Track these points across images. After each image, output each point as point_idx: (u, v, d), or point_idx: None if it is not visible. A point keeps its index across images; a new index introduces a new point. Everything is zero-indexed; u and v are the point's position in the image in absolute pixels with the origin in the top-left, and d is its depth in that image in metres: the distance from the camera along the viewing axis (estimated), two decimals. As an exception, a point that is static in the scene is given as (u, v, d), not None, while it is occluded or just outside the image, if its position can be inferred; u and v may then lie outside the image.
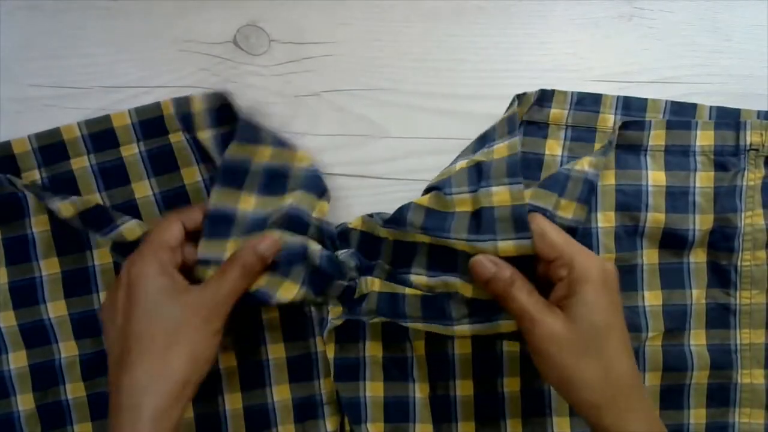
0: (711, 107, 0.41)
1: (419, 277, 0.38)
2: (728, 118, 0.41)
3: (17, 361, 0.39)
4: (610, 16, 0.42)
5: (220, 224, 0.35)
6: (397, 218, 0.37)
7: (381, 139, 0.41)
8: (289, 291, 0.36)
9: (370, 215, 0.39)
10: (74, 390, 0.39)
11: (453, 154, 0.41)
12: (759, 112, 0.41)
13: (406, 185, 0.41)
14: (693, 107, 0.41)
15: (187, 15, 0.40)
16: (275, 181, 0.37)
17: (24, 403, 0.39)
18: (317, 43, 0.41)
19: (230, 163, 0.36)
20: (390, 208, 0.40)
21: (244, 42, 0.40)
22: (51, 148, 0.38)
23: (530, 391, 0.40)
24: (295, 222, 0.36)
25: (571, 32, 0.42)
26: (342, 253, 0.38)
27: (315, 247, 0.37)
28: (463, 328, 0.36)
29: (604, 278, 0.33)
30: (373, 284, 0.38)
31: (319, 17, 0.41)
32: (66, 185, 0.38)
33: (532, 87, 0.41)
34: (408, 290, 0.38)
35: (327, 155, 0.41)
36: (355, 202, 0.40)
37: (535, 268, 0.35)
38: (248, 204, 0.36)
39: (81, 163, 0.38)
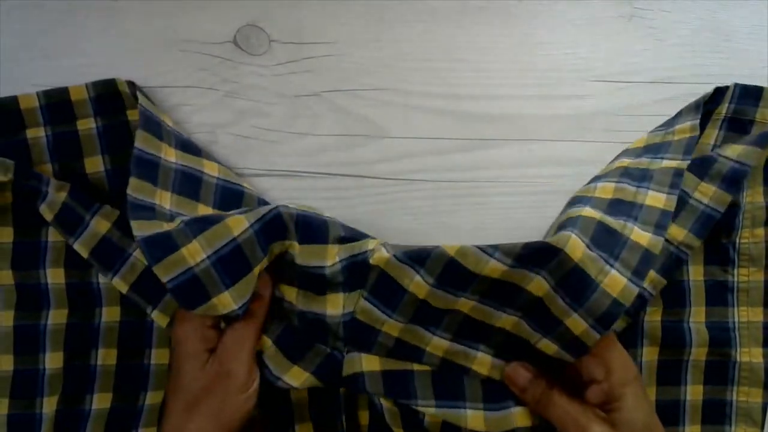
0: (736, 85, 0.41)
1: (441, 341, 0.36)
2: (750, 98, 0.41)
3: (5, 319, 0.38)
4: (610, 16, 0.42)
5: (189, 292, 0.33)
6: (452, 280, 0.34)
7: (381, 139, 0.41)
8: (262, 344, 0.36)
9: (400, 258, 0.34)
10: (53, 360, 0.38)
11: (453, 154, 0.41)
12: None
13: (406, 185, 0.41)
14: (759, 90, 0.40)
15: (187, 15, 0.40)
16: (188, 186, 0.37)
17: (3, 363, 0.38)
18: (317, 43, 0.41)
19: (141, 155, 0.35)
20: (390, 208, 0.40)
21: (244, 42, 0.40)
22: (58, 106, 0.38)
23: None
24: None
25: (571, 32, 0.42)
26: (330, 316, 0.35)
27: (290, 298, 0.35)
28: (477, 415, 0.35)
29: (637, 377, 0.33)
30: (371, 363, 0.36)
31: (319, 17, 0.41)
32: (70, 145, 0.38)
33: (532, 87, 0.41)
34: (416, 366, 0.36)
35: (327, 155, 0.41)
36: (355, 203, 0.40)
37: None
38: (165, 200, 0.35)
39: (86, 125, 0.38)
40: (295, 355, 0.36)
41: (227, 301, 0.33)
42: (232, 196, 0.38)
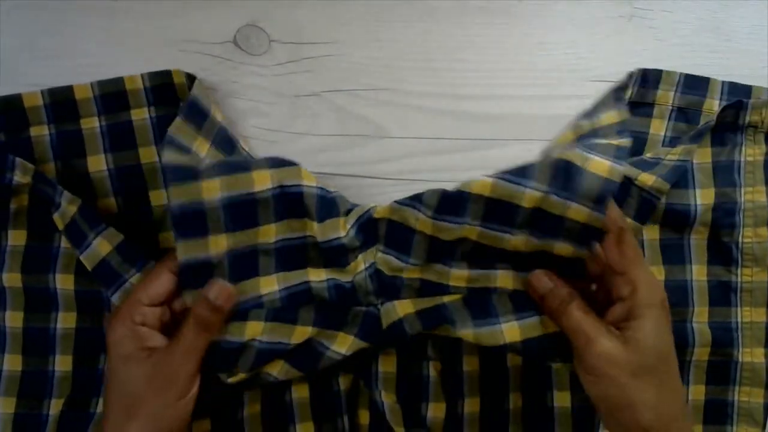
0: (723, 82, 0.41)
1: (461, 271, 0.37)
2: (740, 94, 0.41)
3: (14, 320, 0.38)
4: (610, 16, 0.42)
5: (189, 220, 0.33)
6: (449, 208, 0.35)
7: (381, 139, 0.41)
8: (301, 335, 0.35)
9: (400, 201, 0.36)
10: (62, 363, 0.39)
11: (453, 154, 0.41)
12: None
13: (406, 185, 0.41)
14: (706, 81, 0.41)
15: (187, 15, 0.40)
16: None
17: (11, 363, 0.38)
18: (317, 43, 0.41)
19: (174, 140, 0.34)
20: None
21: (244, 42, 0.40)
22: (62, 105, 0.38)
23: (534, 406, 0.40)
24: (287, 253, 0.36)
25: (571, 32, 0.42)
26: (357, 275, 0.36)
27: (318, 278, 0.36)
28: (511, 326, 0.35)
29: (663, 303, 0.33)
30: (405, 307, 0.36)
31: (319, 17, 0.41)
32: (73, 144, 0.38)
33: (532, 87, 0.41)
34: (447, 298, 0.37)
35: (327, 155, 0.41)
36: (355, 203, 0.40)
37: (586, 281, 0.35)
38: (202, 148, 0.35)
39: (90, 124, 0.38)
40: (335, 324, 0.36)
41: (221, 243, 0.33)
42: None
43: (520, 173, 0.33)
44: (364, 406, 0.39)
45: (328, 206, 0.36)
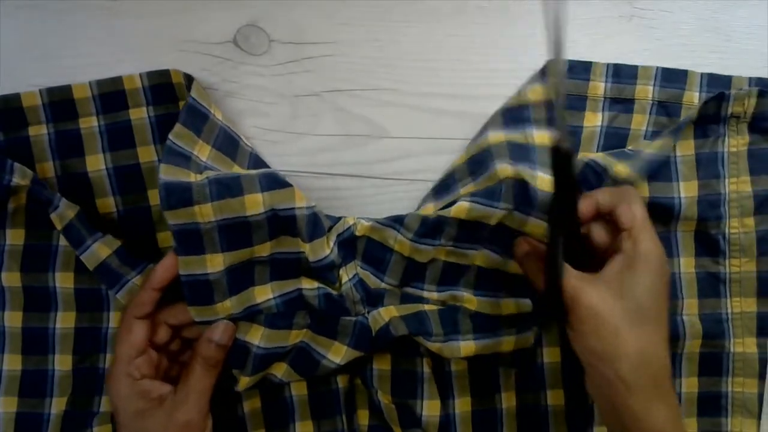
0: (702, 74, 0.41)
1: (431, 294, 0.39)
2: (719, 85, 0.41)
3: (13, 320, 0.39)
4: (610, 16, 0.42)
5: (187, 239, 0.34)
6: (428, 231, 0.37)
7: (381, 139, 0.41)
8: (296, 337, 0.37)
9: (381, 222, 0.38)
10: (62, 362, 0.39)
11: (453, 155, 0.41)
12: (750, 79, 0.41)
13: (406, 185, 0.41)
14: (684, 74, 0.41)
15: (187, 15, 0.40)
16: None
17: (11, 362, 0.39)
18: (317, 43, 0.41)
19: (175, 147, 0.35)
20: (390, 208, 0.40)
21: (244, 42, 0.40)
22: (61, 104, 0.38)
23: (527, 408, 0.41)
24: (282, 265, 0.37)
25: (571, 32, 0.41)
26: (344, 285, 0.37)
27: (310, 287, 0.37)
28: (469, 344, 0.37)
29: (662, 267, 0.33)
30: (389, 312, 0.38)
31: (319, 17, 0.41)
32: (72, 143, 0.38)
33: (531, 87, 0.41)
34: (426, 306, 0.38)
35: (327, 155, 0.41)
36: (355, 203, 0.41)
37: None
38: (203, 152, 0.36)
39: (88, 123, 0.38)
40: (327, 332, 0.37)
41: (218, 261, 0.34)
42: (263, 166, 0.39)
43: (490, 196, 0.36)
44: (363, 406, 0.40)
45: (316, 226, 0.36)
